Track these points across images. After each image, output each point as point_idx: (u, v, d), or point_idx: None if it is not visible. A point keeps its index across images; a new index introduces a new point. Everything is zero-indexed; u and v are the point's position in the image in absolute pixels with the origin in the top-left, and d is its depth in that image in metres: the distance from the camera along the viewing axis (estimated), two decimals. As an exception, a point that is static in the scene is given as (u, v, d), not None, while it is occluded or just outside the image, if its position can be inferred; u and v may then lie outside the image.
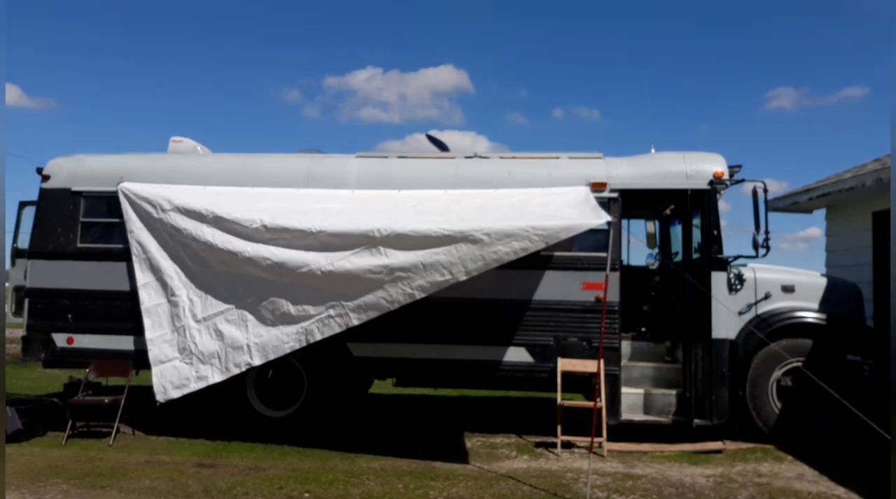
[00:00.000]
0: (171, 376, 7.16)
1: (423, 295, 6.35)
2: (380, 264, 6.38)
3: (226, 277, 7.15)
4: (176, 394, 7.12)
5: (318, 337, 6.66)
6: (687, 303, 7.53)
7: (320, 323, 6.64)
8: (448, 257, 6.21)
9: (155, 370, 7.26)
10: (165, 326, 7.35)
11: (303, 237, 6.79)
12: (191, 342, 7.14)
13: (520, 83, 52.78)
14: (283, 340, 6.78)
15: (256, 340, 6.89)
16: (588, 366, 7.11)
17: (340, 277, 6.52)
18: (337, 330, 6.61)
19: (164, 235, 7.50)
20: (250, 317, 6.98)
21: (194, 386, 7.08)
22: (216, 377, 7.01)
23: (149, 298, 7.48)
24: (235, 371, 6.96)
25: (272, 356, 6.84)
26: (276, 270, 6.79)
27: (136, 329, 7.53)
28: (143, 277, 7.54)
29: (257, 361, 6.88)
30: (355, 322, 6.54)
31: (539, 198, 7.09)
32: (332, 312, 6.60)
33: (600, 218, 6.47)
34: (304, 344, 6.72)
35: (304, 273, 6.65)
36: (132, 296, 7.59)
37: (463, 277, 6.25)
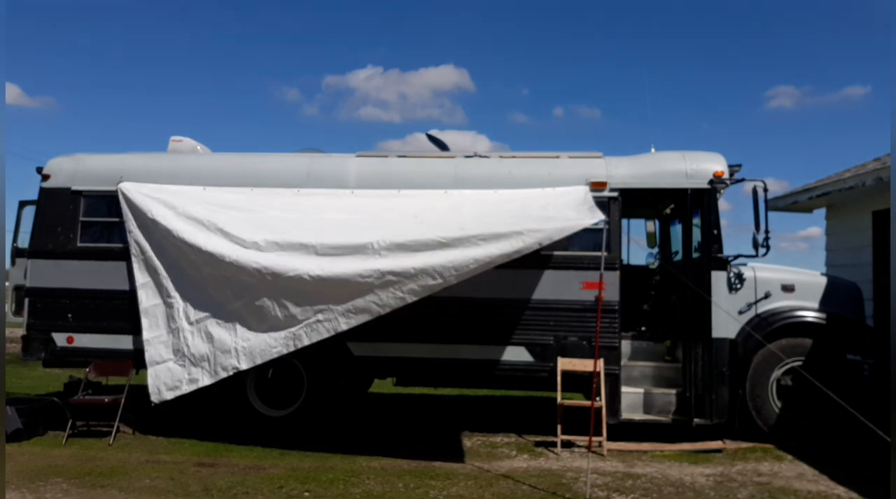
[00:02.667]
0: (165, 378, 7.17)
1: (414, 299, 6.26)
2: (371, 268, 6.30)
3: (216, 280, 7.08)
4: (169, 395, 7.13)
5: (307, 342, 6.58)
6: (687, 302, 7.53)
7: (308, 328, 6.56)
8: (442, 261, 6.14)
9: (150, 371, 7.27)
10: (162, 328, 7.34)
11: (301, 251, 6.73)
12: (184, 344, 7.13)
13: (521, 82, 52.78)
14: (271, 344, 6.71)
15: (244, 344, 6.84)
16: (588, 365, 7.10)
17: (331, 281, 6.43)
18: (325, 335, 6.52)
19: (159, 235, 7.48)
20: (239, 320, 6.93)
21: (186, 388, 7.07)
22: (206, 380, 7.00)
23: (147, 298, 7.48)
24: (223, 375, 6.92)
25: (259, 361, 6.78)
26: (265, 274, 6.70)
27: (137, 329, 7.52)
28: (141, 277, 7.54)
29: (244, 366, 6.83)
30: (344, 327, 6.45)
31: (538, 200, 7.09)
32: (320, 316, 6.51)
33: (594, 217, 6.47)
34: (291, 349, 6.65)
35: (293, 277, 6.56)
36: (132, 295, 7.58)
37: (454, 281, 6.17)
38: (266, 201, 7.59)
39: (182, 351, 7.14)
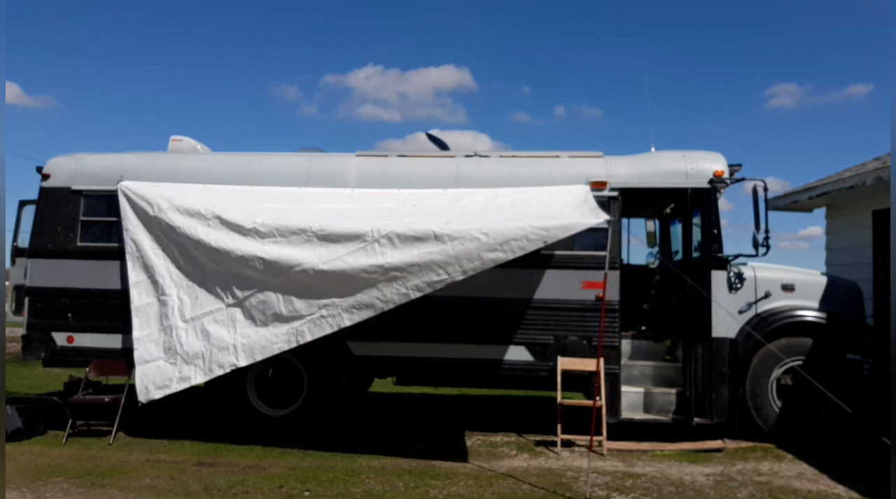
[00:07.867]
0: (154, 377, 7.09)
1: (418, 295, 6.26)
2: (374, 264, 6.30)
3: (217, 276, 7.07)
4: (158, 394, 7.05)
5: (309, 338, 6.55)
6: (687, 301, 7.52)
7: (311, 323, 6.54)
8: (444, 257, 6.14)
9: (138, 370, 7.19)
10: (153, 326, 7.30)
11: (300, 237, 6.73)
12: (176, 342, 7.07)
13: (523, 80, 52.77)
14: (273, 340, 6.67)
15: (244, 341, 6.78)
16: (588, 364, 7.11)
17: (334, 276, 6.43)
18: (328, 331, 6.50)
19: (158, 233, 7.48)
20: (239, 317, 6.88)
21: (176, 387, 7.00)
22: (198, 378, 6.95)
23: (139, 296, 7.44)
24: (219, 372, 6.86)
25: (259, 357, 6.73)
26: (268, 269, 6.71)
27: (136, 328, 7.51)
28: (135, 275, 7.51)
29: (243, 362, 6.76)
30: (347, 323, 6.43)
31: (539, 197, 7.08)
32: (324, 312, 6.49)
33: (599, 217, 6.45)
34: (293, 345, 6.62)
35: (296, 272, 6.57)
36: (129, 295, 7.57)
37: (459, 277, 6.16)
38: (266, 195, 7.59)
39: (174, 349, 7.08)
